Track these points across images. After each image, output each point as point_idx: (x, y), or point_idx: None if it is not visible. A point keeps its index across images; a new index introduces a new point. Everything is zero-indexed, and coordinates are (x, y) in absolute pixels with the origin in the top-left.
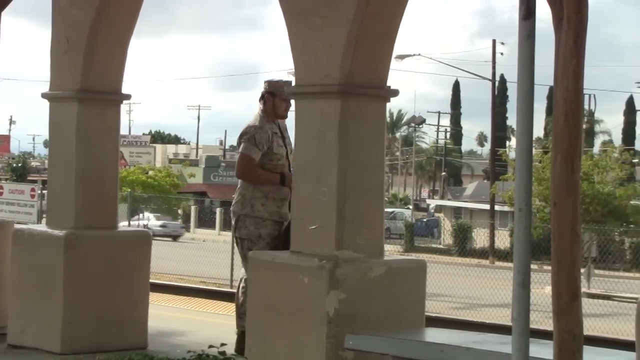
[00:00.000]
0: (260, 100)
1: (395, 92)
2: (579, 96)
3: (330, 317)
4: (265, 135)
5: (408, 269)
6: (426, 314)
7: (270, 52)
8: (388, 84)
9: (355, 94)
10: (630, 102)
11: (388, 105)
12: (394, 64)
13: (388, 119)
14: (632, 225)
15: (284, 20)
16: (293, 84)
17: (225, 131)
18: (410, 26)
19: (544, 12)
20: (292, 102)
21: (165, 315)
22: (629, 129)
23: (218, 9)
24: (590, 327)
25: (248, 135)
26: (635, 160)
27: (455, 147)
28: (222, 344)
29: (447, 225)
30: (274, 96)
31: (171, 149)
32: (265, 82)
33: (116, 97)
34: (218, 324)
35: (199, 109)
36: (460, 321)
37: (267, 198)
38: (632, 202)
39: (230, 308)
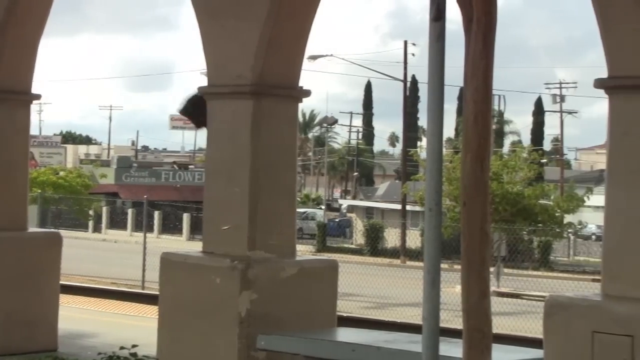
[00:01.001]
0: None
1: (307, 93)
2: (488, 97)
3: (242, 318)
4: None
5: (320, 269)
6: (338, 313)
7: (184, 52)
8: (300, 85)
9: (268, 94)
10: (538, 103)
11: (300, 105)
12: (306, 64)
13: (300, 119)
14: (540, 225)
15: (196, 21)
16: (205, 83)
17: (137, 132)
18: (323, 27)
19: (454, 14)
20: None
21: (76, 317)
22: (537, 130)
23: (131, 8)
24: (500, 325)
25: None
26: (544, 161)
27: (367, 148)
28: (134, 345)
29: (359, 225)
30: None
31: (82, 149)
32: None
33: (26, 97)
34: (130, 325)
35: (111, 109)
36: (371, 320)
37: None
38: (540, 202)
39: (141, 309)
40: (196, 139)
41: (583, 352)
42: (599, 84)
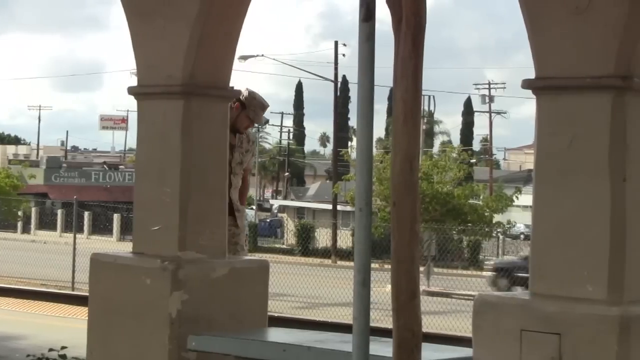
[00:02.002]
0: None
1: (237, 93)
2: (418, 97)
3: (173, 319)
4: None
5: (251, 269)
6: (269, 313)
7: (113, 52)
8: (231, 85)
9: (198, 95)
10: (468, 104)
11: None
12: (237, 64)
13: None
14: (469, 224)
15: (126, 20)
16: (136, 84)
17: (67, 132)
18: (255, 27)
19: (384, 14)
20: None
21: (4, 319)
22: (467, 130)
23: (60, 7)
24: (430, 325)
25: None
26: (473, 161)
27: (299, 148)
28: (63, 347)
29: (290, 225)
30: (245, 109)
31: (11, 149)
32: (248, 90)
33: None
34: (59, 327)
35: (40, 109)
36: (302, 320)
37: None
38: (469, 202)
39: (71, 311)
40: (126, 139)
41: (512, 351)
42: (527, 84)
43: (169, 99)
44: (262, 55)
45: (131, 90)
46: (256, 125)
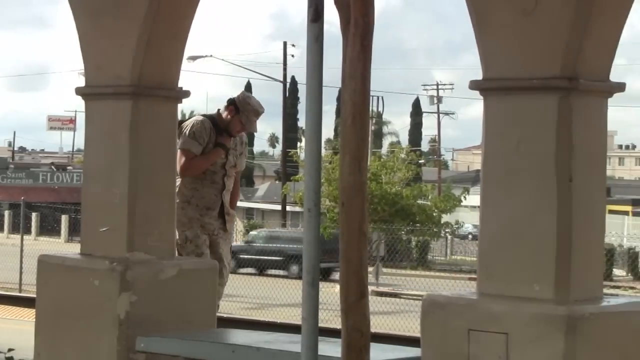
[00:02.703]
0: (226, 106)
1: (186, 93)
2: (366, 98)
3: (122, 320)
4: (205, 131)
5: (200, 270)
6: (218, 314)
7: (60, 52)
8: (180, 85)
9: (146, 95)
10: (416, 104)
11: (180, 106)
12: (186, 65)
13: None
14: (418, 225)
15: (74, 20)
16: (84, 84)
17: (14, 132)
18: (205, 28)
19: (333, 16)
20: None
21: None
22: (415, 131)
23: (5, 6)
24: (378, 325)
25: (187, 130)
26: (422, 161)
27: (247, 149)
28: (10, 349)
29: (239, 226)
30: (238, 113)
31: None
32: (244, 94)
33: None
34: (6, 329)
35: None
36: (251, 321)
37: (188, 203)
38: (418, 202)
39: (18, 312)
40: (75, 140)
41: (459, 350)
42: (474, 85)
43: (117, 99)
44: (211, 55)
45: (79, 91)
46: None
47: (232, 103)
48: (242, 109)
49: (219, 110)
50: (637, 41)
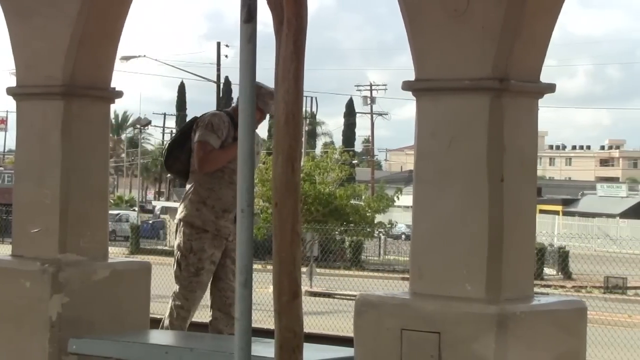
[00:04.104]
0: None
1: (119, 94)
2: (299, 98)
3: (53, 322)
4: (224, 124)
5: (133, 271)
6: (151, 315)
7: None
8: (113, 85)
9: (79, 95)
10: (350, 105)
11: (113, 106)
12: (119, 65)
13: (113, 121)
14: (351, 225)
15: (4, 20)
16: (15, 84)
17: None
18: (139, 28)
19: (266, 16)
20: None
21: None
22: (349, 131)
23: None
24: (312, 325)
25: (204, 122)
26: (355, 162)
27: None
28: None
29: (172, 226)
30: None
31: None
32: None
33: None
34: None
35: None
36: None
37: (204, 204)
38: (351, 202)
39: None
40: (6, 140)
41: (392, 350)
42: (407, 86)
43: (48, 99)
44: (144, 55)
45: (10, 91)
46: (138, 126)
47: None
48: (257, 95)
49: (233, 106)
50: (567, 42)
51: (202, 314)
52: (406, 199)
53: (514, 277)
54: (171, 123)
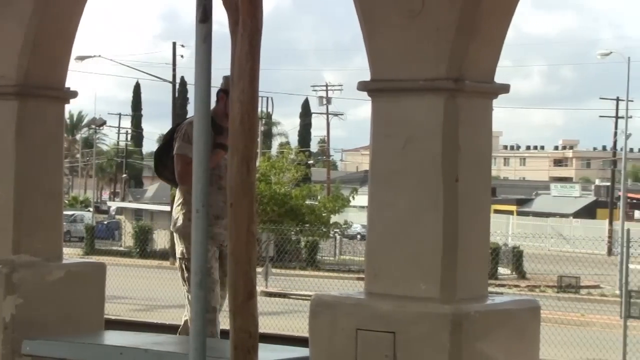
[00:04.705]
0: (217, 99)
1: (74, 94)
2: (255, 98)
3: (7, 323)
4: None
5: (87, 272)
6: (106, 316)
7: None
8: (67, 86)
9: (33, 95)
10: (306, 105)
11: (67, 106)
12: (74, 65)
13: (68, 121)
14: (307, 225)
15: None
16: None
17: None
18: (94, 28)
19: (222, 16)
20: None
21: None
22: (304, 131)
23: None
24: (267, 325)
25: (181, 133)
26: (311, 162)
27: (136, 149)
28: None
29: (128, 227)
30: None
31: None
32: (223, 77)
33: None
34: None
35: None
36: (139, 323)
37: None
38: (307, 202)
39: None
40: None
41: (347, 350)
42: (362, 86)
43: (2, 99)
44: (99, 55)
45: None
46: (93, 126)
47: (223, 92)
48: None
49: (211, 108)
50: (521, 42)
51: (157, 314)
52: (362, 199)
53: (469, 276)
54: (126, 123)
